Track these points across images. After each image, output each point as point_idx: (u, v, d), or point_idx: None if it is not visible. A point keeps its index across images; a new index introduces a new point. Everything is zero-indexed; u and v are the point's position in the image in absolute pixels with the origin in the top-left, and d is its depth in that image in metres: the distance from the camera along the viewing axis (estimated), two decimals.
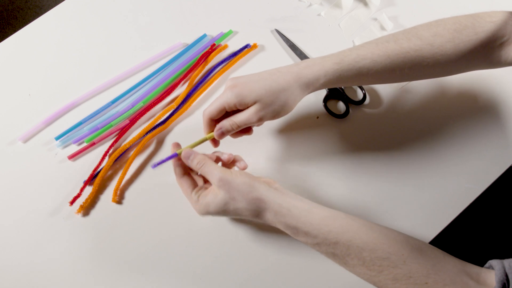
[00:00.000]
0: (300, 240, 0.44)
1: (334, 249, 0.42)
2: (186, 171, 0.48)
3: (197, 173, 0.49)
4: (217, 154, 0.49)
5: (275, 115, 0.46)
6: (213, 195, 0.44)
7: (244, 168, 0.48)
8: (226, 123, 0.46)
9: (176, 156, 0.47)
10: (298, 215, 0.43)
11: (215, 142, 0.50)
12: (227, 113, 0.48)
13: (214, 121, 0.48)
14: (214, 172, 0.44)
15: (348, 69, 0.46)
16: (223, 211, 0.44)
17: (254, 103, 0.45)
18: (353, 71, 0.46)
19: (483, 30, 0.45)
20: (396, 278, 0.41)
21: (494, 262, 0.40)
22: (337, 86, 0.48)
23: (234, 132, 0.47)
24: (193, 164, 0.45)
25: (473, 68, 0.50)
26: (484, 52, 0.46)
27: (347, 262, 0.43)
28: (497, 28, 0.45)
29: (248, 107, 0.46)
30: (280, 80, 0.45)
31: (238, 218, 0.47)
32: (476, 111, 0.57)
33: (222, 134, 0.47)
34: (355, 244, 0.42)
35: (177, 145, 0.48)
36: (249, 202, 0.43)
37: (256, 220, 0.44)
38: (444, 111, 0.58)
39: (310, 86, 0.46)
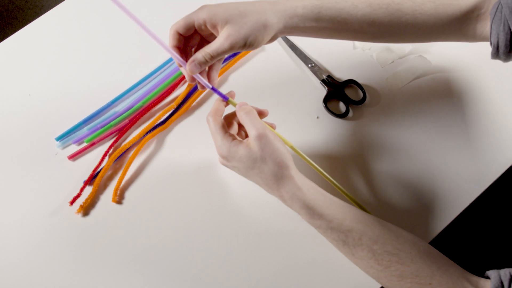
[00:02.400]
0: (313, 224, 0.44)
1: (346, 236, 0.43)
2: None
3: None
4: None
5: (247, 41, 0.42)
6: (247, 145, 0.43)
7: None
8: (198, 54, 0.43)
9: (226, 100, 0.46)
10: (317, 197, 0.44)
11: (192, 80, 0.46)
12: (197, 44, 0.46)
13: (181, 37, 0.44)
14: (257, 125, 0.43)
15: (328, 8, 0.45)
16: (247, 166, 0.43)
17: (226, 23, 0.42)
18: (332, 10, 0.45)
19: None
20: (402, 275, 0.41)
21: (490, 272, 0.41)
22: (316, 28, 0.46)
23: (208, 64, 0.43)
24: (240, 112, 0.45)
25: (449, 36, 0.49)
26: (462, 21, 0.46)
27: (356, 253, 0.43)
28: None
29: (219, 33, 0.43)
30: (255, 3, 0.44)
31: (253, 180, 0.46)
32: (476, 110, 0.57)
33: (195, 66, 0.43)
34: (368, 235, 0.42)
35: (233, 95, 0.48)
36: (277, 166, 0.43)
37: (271, 189, 0.44)
38: (444, 111, 0.57)
39: (286, 16, 0.44)
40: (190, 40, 0.45)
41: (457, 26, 0.47)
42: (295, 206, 0.44)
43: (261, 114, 0.48)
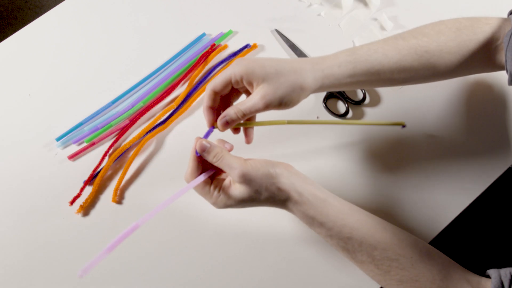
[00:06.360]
0: (314, 230, 0.44)
1: (346, 243, 0.43)
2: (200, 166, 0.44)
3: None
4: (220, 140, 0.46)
5: (282, 101, 0.42)
6: (235, 189, 0.42)
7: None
8: (230, 111, 0.42)
9: (197, 155, 0.44)
10: (316, 205, 0.43)
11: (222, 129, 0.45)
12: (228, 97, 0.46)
13: (218, 96, 0.44)
14: (233, 165, 0.41)
15: (361, 62, 0.45)
16: (246, 204, 0.43)
17: (262, 82, 0.41)
18: (366, 64, 0.45)
19: (481, 31, 0.46)
20: (402, 280, 0.42)
21: (491, 271, 0.41)
22: (350, 83, 0.45)
23: (239, 121, 0.43)
24: (209, 157, 0.42)
25: (474, 69, 0.50)
26: (483, 53, 0.47)
27: (356, 257, 0.43)
28: (493, 30, 0.46)
29: (254, 89, 0.42)
30: (293, 62, 0.43)
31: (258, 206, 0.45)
32: (476, 111, 0.57)
33: (227, 123, 0.43)
34: (368, 241, 0.42)
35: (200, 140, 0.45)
36: (271, 193, 0.42)
37: (276, 207, 0.44)
38: (443, 112, 0.58)
39: (323, 77, 0.44)
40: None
41: (480, 60, 0.47)
42: (296, 215, 0.44)
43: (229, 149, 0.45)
